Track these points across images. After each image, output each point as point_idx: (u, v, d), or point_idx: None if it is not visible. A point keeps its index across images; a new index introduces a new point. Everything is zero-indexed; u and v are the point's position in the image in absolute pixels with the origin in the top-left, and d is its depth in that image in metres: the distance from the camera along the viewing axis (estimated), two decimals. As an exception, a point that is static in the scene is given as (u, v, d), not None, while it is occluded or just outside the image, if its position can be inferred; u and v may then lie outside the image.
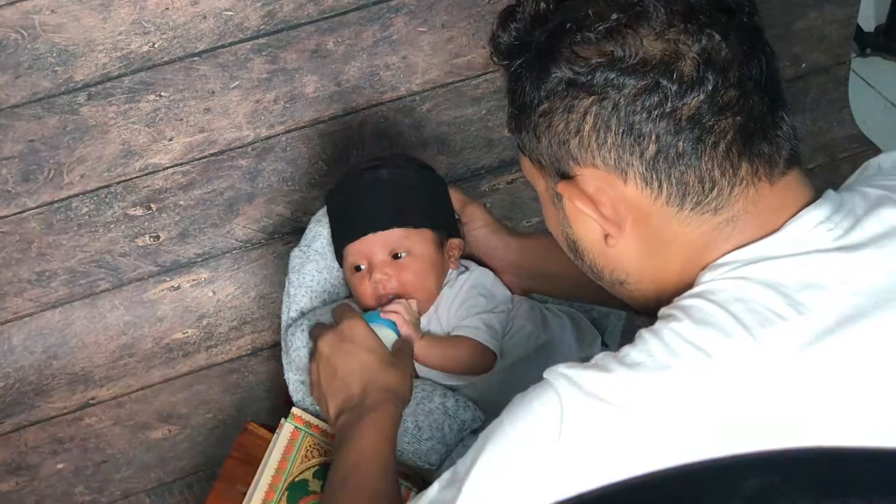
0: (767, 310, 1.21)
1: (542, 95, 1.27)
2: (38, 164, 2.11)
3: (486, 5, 2.27)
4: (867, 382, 1.22)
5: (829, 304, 1.22)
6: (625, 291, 1.38)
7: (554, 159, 1.29)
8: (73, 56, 2.04)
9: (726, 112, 1.23)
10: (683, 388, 1.20)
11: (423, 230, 1.88)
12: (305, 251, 1.97)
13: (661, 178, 1.25)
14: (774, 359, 1.20)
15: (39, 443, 2.15)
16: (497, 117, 2.42)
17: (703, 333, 1.21)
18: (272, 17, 2.12)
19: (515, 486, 1.26)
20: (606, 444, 1.21)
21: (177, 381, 2.25)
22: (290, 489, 1.78)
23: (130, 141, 2.16)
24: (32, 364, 2.23)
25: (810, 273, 1.24)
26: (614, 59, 1.22)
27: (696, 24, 1.22)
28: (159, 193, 2.24)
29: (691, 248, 1.29)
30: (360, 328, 1.79)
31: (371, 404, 1.71)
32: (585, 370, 1.24)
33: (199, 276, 2.33)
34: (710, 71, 1.22)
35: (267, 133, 2.25)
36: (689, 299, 1.25)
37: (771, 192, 1.27)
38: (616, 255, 1.33)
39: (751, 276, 1.25)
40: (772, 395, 1.20)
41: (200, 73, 2.14)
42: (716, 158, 1.24)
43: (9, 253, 2.17)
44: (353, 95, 2.28)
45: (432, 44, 2.29)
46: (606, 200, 1.27)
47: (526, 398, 1.27)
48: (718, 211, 1.26)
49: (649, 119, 1.22)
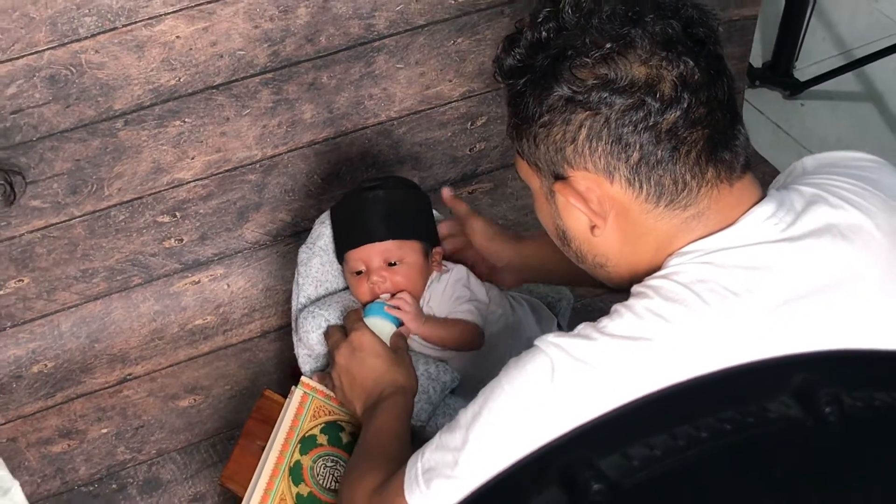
0: (724, 289, 1.25)
1: (544, 110, 1.30)
2: (83, 179, 2.14)
3: (451, 46, 2.31)
4: (799, 351, 1.23)
5: (775, 285, 1.26)
6: (603, 273, 1.41)
7: (550, 163, 1.33)
8: (113, 89, 2.06)
9: (697, 126, 1.27)
10: (656, 352, 1.24)
11: (413, 242, 1.95)
12: (311, 248, 2.03)
13: (642, 180, 1.28)
14: (729, 327, 1.24)
15: (86, 412, 2.17)
16: (460, 138, 2.46)
17: (671, 308, 1.25)
18: (276, 55, 2.16)
19: (517, 425, 1.28)
20: (591, 398, 1.23)
21: (199, 359, 2.28)
22: (302, 442, 1.84)
23: (159, 160, 2.19)
24: (78, 347, 2.25)
25: (760, 260, 1.27)
26: (607, 80, 1.25)
27: (675, 52, 1.26)
28: (183, 203, 2.27)
29: (662, 238, 1.32)
30: (366, 338, 1.84)
31: (385, 396, 1.77)
32: (571, 339, 1.28)
33: (215, 272, 2.35)
34: (686, 91, 1.26)
35: (272, 152, 2.29)
36: (659, 280, 1.29)
37: (730, 192, 1.31)
38: (599, 242, 1.36)
39: (711, 262, 1.28)
40: (720, 356, 1.22)
41: (218, 102, 2.17)
42: (688, 164, 1.28)
43: (58, 254, 2.20)
44: (342, 121, 2.32)
45: (408, 77, 2.32)
46: (594, 198, 1.31)
47: (520, 362, 1.31)
48: (687, 208, 1.30)
49: (635, 131, 1.26)
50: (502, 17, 2.33)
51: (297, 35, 2.17)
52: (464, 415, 1.35)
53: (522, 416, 1.28)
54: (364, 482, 1.53)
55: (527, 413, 1.28)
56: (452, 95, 2.41)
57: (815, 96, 3.00)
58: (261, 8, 2.10)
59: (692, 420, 0.95)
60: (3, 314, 2.20)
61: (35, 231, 2.17)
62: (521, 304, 2.07)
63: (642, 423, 0.96)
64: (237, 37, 2.12)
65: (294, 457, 1.83)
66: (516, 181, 2.50)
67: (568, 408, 1.24)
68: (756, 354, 1.20)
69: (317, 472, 1.85)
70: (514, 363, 1.32)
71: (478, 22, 2.32)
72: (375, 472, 1.54)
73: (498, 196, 2.53)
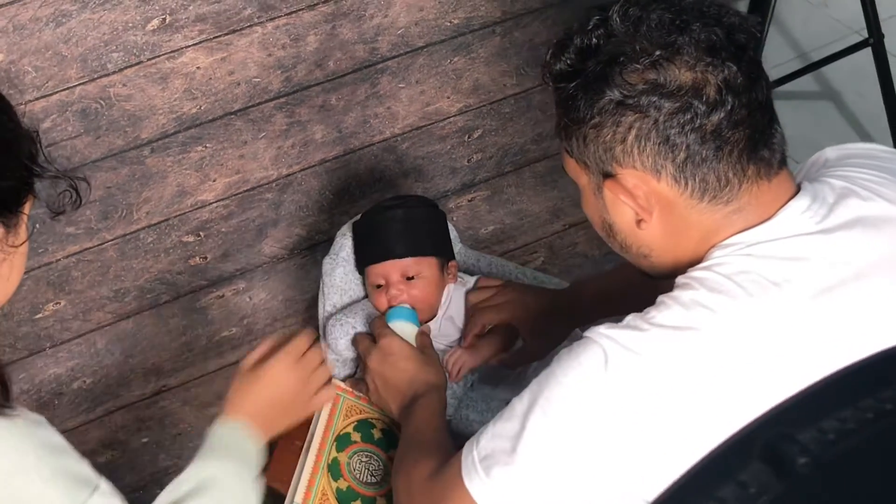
0: (765, 279, 1.25)
1: (595, 112, 1.29)
2: (113, 205, 2.16)
3: (448, 65, 2.34)
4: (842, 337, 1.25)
5: (813, 275, 1.26)
6: (647, 262, 1.40)
7: (599, 161, 1.33)
8: (139, 119, 2.08)
9: (739, 126, 1.27)
10: (703, 342, 1.24)
11: (430, 258, 1.96)
12: (335, 258, 2.04)
13: (687, 177, 1.29)
14: (771, 316, 1.24)
15: (126, 423, 2.19)
16: (458, 150, 2.48)
17: (716, 298, 1.25)
18: (289, 81, 2.19)
19: (572, 413, 1.28)
20: (643, 386, 1.24)
21: (229, 369, 2.29)
22: (338, 440, 1.85)
23: (184, 183, 2.21)
24: (114, 363, 2.26)
25: (798, 251, 1.28)
26: (656, 85, 1.26)
27: (719, 58, 1.26)
28: (206, 223, 2.29)
29: (705, 232, 1.32)
30: (395, 343, 1.84)
31: (418, 395, 1.77)
32: (622, 330, 1.27)
33: (238, 287, 2.37)
34: (730, 94, 1.26)
35: (287, 172, 2.31)
36: (702, 272, 1.29)
37: (769, 188, 1.31)
38: (644, 235, 1.35)
39: (752, 254, 1.28)
40: (764, 343, 1.24)
41: (236, 127, 2.19)
42: (730, 162, 1.28)
43: (92, 276, 2.21)
44: (351, 139, 2.34)
45: (409, 96, 2.34)
46: (641, 194, 1.31)
47: (573, 353, 1.30)
48: (729, 203, 1.30)
49: (682, 132, 1.26)
50: (494, 36, 2.37)
51: (308, 61, 2.20)
52: (519, 403, 1.33)
53: (577, 405, 1.27)
54: (418, 469, 1.52)
55: (581, 401, 1.27)
56: (450, 111, 2.43)
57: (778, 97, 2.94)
58: (273, 37, 2.13)
59: (874, 393, 0.94)
60: (43, 335, 2.21)
61: (70, 256, 2.18)
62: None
63: (829, 400, 0.95)
64: (252, 65, 2.15)
65: (331, 454, 1.85)
66: (511, 188, 2.56)
67: (621, 396, 1.25)
68: (798, 342, 1.24)
69: (353, 467, 1.87)
70: (566, 354, 1.31)
71: (472, 42, 2.35)
72: (427, 459, 1.53)
73: (495, 202, 2.56)
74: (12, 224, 1.23)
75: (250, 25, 2.10)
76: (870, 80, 2.72)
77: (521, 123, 2.54)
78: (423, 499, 1.47)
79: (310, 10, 2.14)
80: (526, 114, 2.53)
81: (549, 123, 2.56)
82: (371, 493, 1.86)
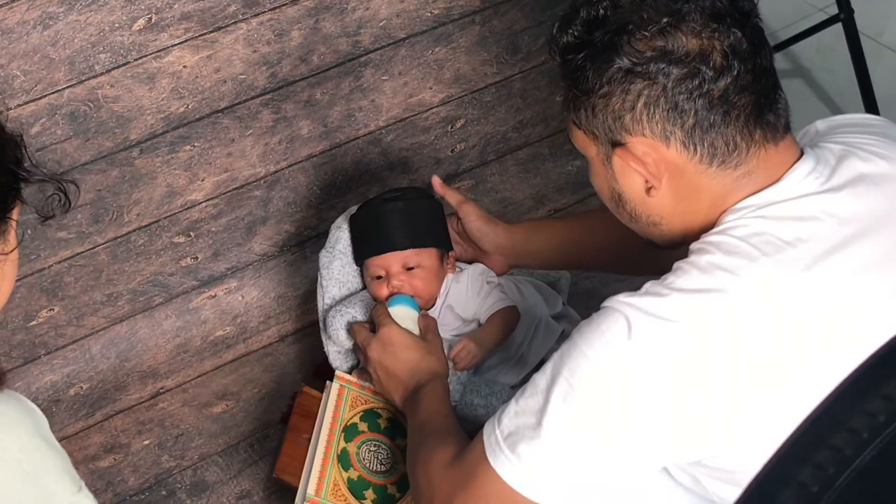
0: (779, 240, 1.27)
1: (604, 81, 1.30)
2: (104, 208, 2.13)
3: (429, 55, 2.33)
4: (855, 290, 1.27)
5: (824, 232, 1.28)
6: (657, 231, 1.41)
7: (608, 130, 1.33)
8: (128, 120, 2.05)
9: (745, 91, 1.28)
10: (729, 303, 1.25)
11: (430, 249, 1.96)
12: (331, 251, 2.03)
13: (696, 143, 1.29)
14: (789, 275, 1.25)
15: (126, 426, 2.14)
16: (442, 141, 2.47)
17: (734, 261, 1.26)
18: (274, 77, 2.17)
19: (597, 383, 1.28)
20: (669, 352, 1.24)
21: (225, 367, 2.25)
22: (345, 431, 1.86)
23: (173, 184, 2.18)
24: (110, 367, 2.22)
25: (807, 210, 1.29)
26: (664, 52, 1.27)
27: (725, 24, 1.28)
28: (196, 223, 2.26)
29: (715, 196, 1.33)
30: (395, 333, 1.83)
31: (422, 384, 1.76)
32: (642, 297, 1.27)
33: (230, 286, 2.34)
34: (736, 60, 1.27)
35: (274, 168, 2.29)
36: (717, 236, 1.30)
37: (776, 151, 1.32)
38: (654, 203, 1.36)
39: (763, 216, 1.29)
40: (787, 301, 1.25)
41: (223, 125, 2.17)
42: (738, 127, 1.29)
43: (85, 281, 2.18)
44: (336, 133, 2.32)
45: (392, 88, 2.33)
46: (651, 161, 1.32)
47: (594, 323, 1.30)
48: (738, 167, 1.31)
49: (690, 98, 1.27)
50: (473, 25, 2.36)
51: (292, 56, 2.18)
52: (541, 378, 1.33)
53: (602, 375, 1.27)
54: (436, 456, 1.51)
55: (607, 371, 1.27)
56: (433, 101, 2.42)
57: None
58: (258, 33, 2.11)
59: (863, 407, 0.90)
60: (38, 342, 2.17)
61: (63, 261, 2.15)
62: (526, 286, 2.09)
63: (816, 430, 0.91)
64: (238, 62, 2.12)
65: (340, 445, 1.85)
66: (495, 176, 2.55)
67: (647, 363, 1.25)
68: (817, 298, 1.25)
69: (362, 456, 1.86)
70: (586, 325, 1.31)
71: (452, 31, 2.34)
72: (443, 446, 1.52)
73: (479, 191, 2.54)
74: (1, 231, 1.19)
75: (235, 22, 2.08)
76: (839, 57, 2.73)
77: (503, 112, 2.53)
78: (447, 485, 1.45)
79: (293, 4, 2.12)
80: (507, 102, 2.52)
81: (529, 111, 2.56)
82: (382, 481, 1.86)
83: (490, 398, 1.90)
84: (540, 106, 2.58)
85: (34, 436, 1.17)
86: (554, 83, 2.54)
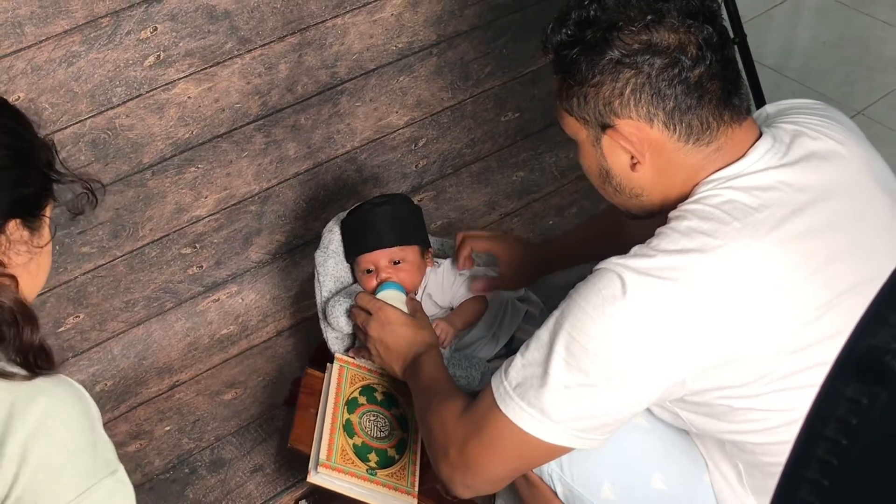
0: (745, 206, 1.29)
1: (596, 72, 1.30)
2: (122, 225, 2.12)
3: (395, 84, 2.35)
4: (810, 248, 1.29)
5: (783, 199, 1.30)
6: (637, 202, 1.41)
7: (598, 115, 1.33)
8: (141, 145, 2.05)
9: (716, 78, 1.30)
10: (709, 260, 1.26)
11: (413, 246, 1.98)
12: (325, 251, 2.03)
13: (675, 123, 1.30)
14: (757, 235, 1.27)
15: (148, 416, 2.13)
16: (407, 158, 2.48)
17: (709, 225, 1.28)
18: (265, 105, 2.18)
19: (596, 334, 1.27)
20: (660, 305, 1.26)
21: (232, 360, 2.25)
22: (347, 404, 1.87)
23: (180, 201, 2.18)
24: (130, 365, 2.20)
25: (768, 181, 1.31)
26: (649, 44, 1.28)
27: (698, 21, 1.29)
28: (201, 236, 2.26)
29: (690, 170, 1.34)
30: (390, 312, 1.83)
31: (418, 354, 1.76)
32: (632, 258, 1.28)
33: (231, 290, 2.34)
34: (709, 51, 1.29)
35: (266, 185, 2.29)
36: (692, 205, 1.31)
37: (740, 130, 1.34)
38: (637, 177, 1.36)
39: (731, 186, 1.31)
40: (756, 256, 1.27)
41: (222, 148, 2.17)
42: (710, 109, 1.31)
43: (106, 290, 2.17)
44: (318, 154, 2.33)
45: (365, 113, 2.34)
46: (637, 140, 1.32)
47: (590, 283, 1.30)
48: (710, 144, 1.32)
49: (671, 84, 1.28)
50: (431, 57, 2.38)
51: (280, 87, 2.19)
52: (544, 332, 1.32)
53: (601, 325, 1.27)
54: (446, 409, 1.50)
55: (605, 321, 1.27)
56: (399, 124, 2.43)
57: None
58: (251, 67, 2.12)
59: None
60: (66, 346, 2.14)
61: (86, 273, 2.13)
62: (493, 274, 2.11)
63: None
64: (234, 93, 2.13)
65: (344, 416, 1.85)
66: (453, 187, 2.58)
67: (639, 314, 1.26)
68: (783, 254, 1.27)
69: (364, 425, 1.87)
70: (583, 285, 1.30)
71: (414, 63, 2.36)
72: (452, 400, 1.52)
73: (440, 200, 2.56)
74: (36, 227, 1.20)
75: (231, 58, 2.08)
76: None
77: (457, 131, 2.55)
78: (461, 431, 1.44)
79: (280, 41, 2.13)
80: (460, 123, 2.55)
81: (479, 130, 2.59)
82: (382, 445, 1.86)
83: (470, 370, 1.91)
84: (488, 126, 2.60)
85: (81, 418, 1.15)
86: (498, 106, 2.59)
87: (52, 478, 1.11)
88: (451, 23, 2.36)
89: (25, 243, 1.18)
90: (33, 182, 1.18)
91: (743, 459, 1.43)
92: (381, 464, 1.83)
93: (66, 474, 1.12)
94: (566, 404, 1.31)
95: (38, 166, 1.20)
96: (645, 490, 1.50)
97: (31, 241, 1.19)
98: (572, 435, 1.32)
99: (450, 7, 2.34)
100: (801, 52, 3.19)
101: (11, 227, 1.16)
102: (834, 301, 1.28)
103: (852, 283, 1.29)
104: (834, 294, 1.28)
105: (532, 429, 1.33)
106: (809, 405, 0.52)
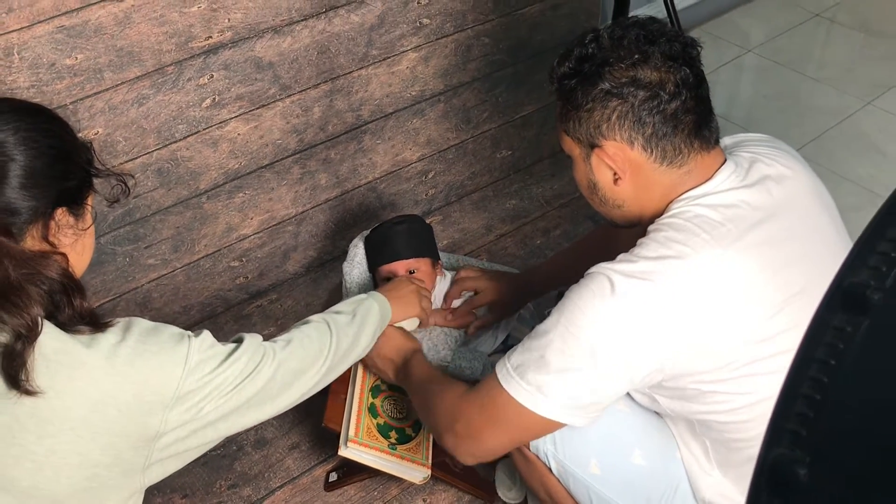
0: (713, 221, 1.28)
1: (590, 99, 1.31)
2: (181, 240, 2.13)
3: (409, 125, 2.36)
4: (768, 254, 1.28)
5: (743, 216, 1.30)
6: (619, 212, 1.40)
7: (589, 136, 1.33)
8: (198, 174, 2.06)
9: (689, 112, 1.30)
10: (685, 266, 1.25)
11: (426, 258, 1.97)
12: (351, 263, 2.03)
13: (653, 147, 1.30)
14: (722, 245, 1.26)
15: None
16: (419, 188, 2.48)
17: (683, 235, 1.27)
18: (302, 141, 2.19)
19: (588, 326, 1.26)
20: (641, 299, 1.25)
21: None
22: (371, 390, 1.86)
23: (230, 222, 2.19)
24: None
25: (731, 200, 1.31)
26: (635, 79, 1.28)
27: (678, 63, 1.29)
28: (247, 251, 2.26)
29: (665, 188, 1.33)
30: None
31: (408, 357, 1.72)
32: (619, 263, 1.27)
33: (272, 297, 2.34)
34: (684, 89, 1.28)
35: (302, 209, 2.30)
36: (669, 219, 1.31)
37: (708, 156, 1.34)
38: (619, 191, 1.36)
39: (700, 203, 1.31)
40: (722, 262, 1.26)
41: (266, 178, 2.18)
42: (683, 137, 1.30)
43: (167, 297, 2.17)
44: (345, 183, 2.34)
45: (384, 149, 2.35)
46: (619, 159, 1.32)
47: (583, 285, 1.29)
48: (682, 167, 1.32)
49: (650, 114, 1.28)
50: (439, 103, 2.40)
51: (314, 126, 2.20)
52: (542, 326, 1.32)
53: (593, 317, 1.27)
54: (449, 392, 1.49)
55: (596, 317, 1.26)
56: (412, 159, 2.44)
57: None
58: (290, 109, 2.13)
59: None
60: (133, 344, 2.14)
61: (151, 281, 2.13)
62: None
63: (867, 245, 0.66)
64: (276, 131, 2.14)
65: (369, 400, 1.86)
66: (456, 213, 2.59)
67: (626, 310, 1.25)
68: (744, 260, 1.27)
69: (385, 408, 1.87)
70: (577, 287, 1.30)
71: (425, 107, 2.38)
72: (451, 386, 1.51)
73: (446, 223, 2.57)
74: (80, 214, 1.22)
75: (273, 101, 2.10)
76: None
77: (460, 166, 2.57)
78: (467, 406, 1.43)
79: (314, 88, 2.15)
80: (463, 158, 2.56)
81: (479, 165, 2.61)
82: (401, 425, 1.86)
83: (473, 362, 1.91)
84: (486, 161, 2.61)
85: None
86: (494, 145, 2.61)
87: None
88: (456, 75, 2.38)
89: (72, 227, 1.20)
90: (76, 176, 1.20)
91: (710, 437, 1.42)
92: (401, 440, 1.83)
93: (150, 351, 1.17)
94: (559, 384, 1.30)
95: (79, 163, 1.21)
96: (626, 465, 1.49)
97: (77, 226, 1.21)
98: (563, 411, 1.31)
99: (455, 62, 2.36)
100: (745, 103, 3.23)
101: (59, 214, 1.18)
102: (790, 299, 1.28)
103: (804, 284, 1.28)
104: (790, 293, 1.28)
105: (529, 403, 1.32)
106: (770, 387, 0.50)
